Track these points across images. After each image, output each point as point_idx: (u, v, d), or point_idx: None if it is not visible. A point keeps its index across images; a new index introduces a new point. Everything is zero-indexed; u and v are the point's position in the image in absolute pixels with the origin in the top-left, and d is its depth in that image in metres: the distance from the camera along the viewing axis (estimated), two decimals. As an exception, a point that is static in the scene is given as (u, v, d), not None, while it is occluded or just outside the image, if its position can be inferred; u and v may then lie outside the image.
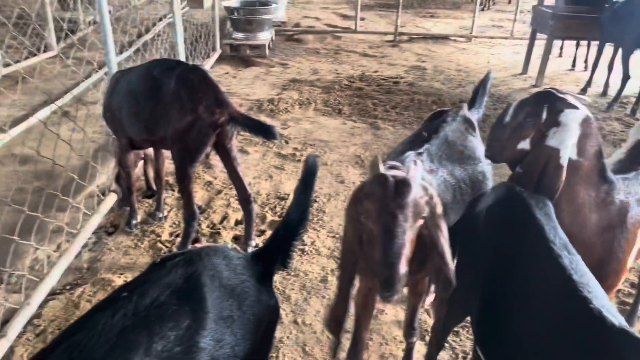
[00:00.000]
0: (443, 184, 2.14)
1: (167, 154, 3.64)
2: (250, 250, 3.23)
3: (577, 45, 7.87)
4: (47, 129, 3.10)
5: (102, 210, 3.59)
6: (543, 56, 6.94)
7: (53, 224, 3.34)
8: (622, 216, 2.01)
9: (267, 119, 5.50)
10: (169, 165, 3.77)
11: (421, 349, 2.63)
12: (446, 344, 2.63)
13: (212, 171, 4.35)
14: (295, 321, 2.80)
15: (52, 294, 2.94)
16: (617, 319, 1.39)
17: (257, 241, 3.36)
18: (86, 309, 2.80)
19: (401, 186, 1.58)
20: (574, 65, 7.87)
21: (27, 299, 2.75)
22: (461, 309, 2.06)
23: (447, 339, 2.63)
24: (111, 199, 3.76)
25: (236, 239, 3.49)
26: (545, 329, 1.51)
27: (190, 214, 3.12)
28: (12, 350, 2.55)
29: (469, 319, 2.55)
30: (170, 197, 3.92)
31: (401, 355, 2.56)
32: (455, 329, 2.69)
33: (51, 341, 1.28)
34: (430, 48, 9.05)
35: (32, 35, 6.77)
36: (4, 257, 2.87)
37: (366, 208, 1.62)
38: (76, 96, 3.33)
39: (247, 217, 3.31)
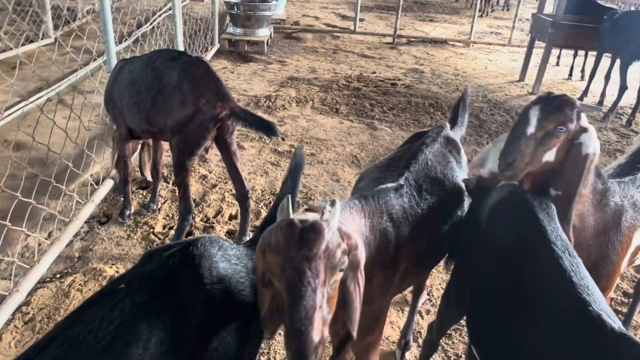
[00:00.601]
0: (419, 222, 1.89)
1: (165, 146, 3.62)
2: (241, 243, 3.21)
3: (575, 55, 7.92)
4: (44, 114, 3.06)
5: (95, 199, 3.55)
6: (541, 64, 6.97)
7: (45, 212, 3.29)
8: (617, 219, 2.01)
9: (264, 115, 5.46)
10: (165, 158, 3.74)
11: (414, 351, 2.62)
12: (438, 347, 2.62)
13: (207, 165, 4.33)
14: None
15: (42, 282, 2.91)
16: (617, 323, 1.39)
17: (251, 236, 3.34)
18: (76, 298, 2.77)
19: (310, 233, 1.29)
20: (570, 74, 7.92)
21: (17, 286, 2.71)
22: (458, 309, 2.06)
23: (440, 342, 2.62)
24: (104, 189, 3.72)
25: (230, 233, 3.46)
26: (543, 330, 1.51)
27: (186, 207, 3.09)
28: (-1, 337, 2.51)
29: (462, 322, 2.56)
30: (165, 189, 3.89)
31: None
32: (448, 332, 2.69)
33: (46, 334, 1.25)
34: (429, 51, 9.07)
35: (30, 22, 6.71)
36: (-6, 243, 2.84)
37: (269, 262, 1.32)
38: (72, 84, 3.29)
39: (243, 212, 3.29)
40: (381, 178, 2.00)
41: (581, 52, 7.88)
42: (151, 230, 3.41)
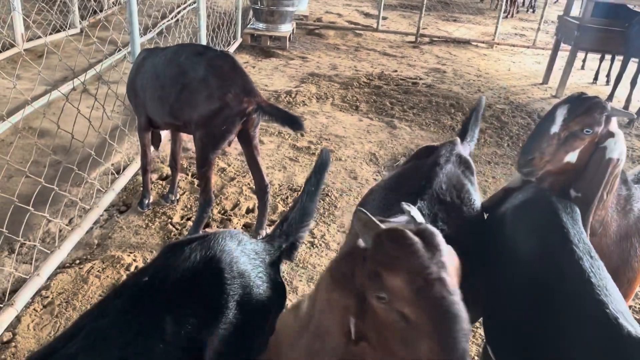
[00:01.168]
0: None
1: (185, 137, 3.65)
2: (260, 238, 3.23)
3: (602, 59, 7.78)
4: (69, 103, 3.11)
5: (115, 188, 3.61)
6: (565, 67, 6.87)
7: (67, 198, 3.36)
8: (639, 225, 1.98)
9: (284, 110, 5.49)
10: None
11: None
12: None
13: (226, 158, 4.36)
14: (301, 312, 2.79)
15: (62, 267, 2.96)
16: (634, 327, 1.37)
17: (267, 231, 3.36)
18: (94, 284, 2.82)
19: (431, 237, 1.13)
20: (596, 78, 7.79)
21: (37, 270, 2.77)
22: (475, 308, 2.04)
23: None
24: (125, 178, 3.78)
25: (247, 226, 3.49)
26: (560, 331, 1.50)
27: (206, 199, 3.11)
28: (18, 320, 2.56)
29: (476, 323, 2.54)
30: (184, 180, 3.93)
31: None
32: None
33: (72, 324, 1.27)
34: (451, 51, 9.00)
35: (57, 12, 6.81)
36: (16, 227, 2.90)
37: (392, 286, 1.08)
38: (97, 74, 3.34)
39: (261, 206, 3.31)
40: (389, 205, 1.78)
41: (608, 56, 7.74)
42: (169, 220, 3.45)
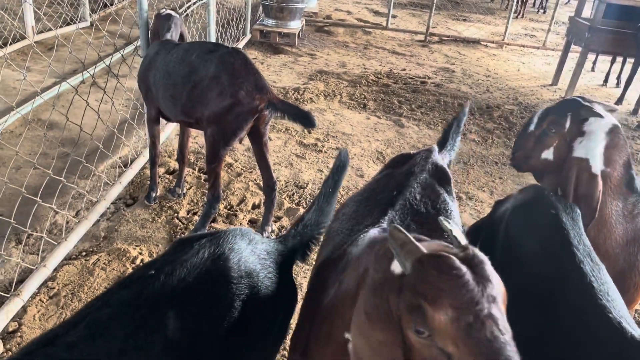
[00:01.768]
0: None
1: (193, 132, 3.66)
2: (265, 235, 3.23)
3: (613, 61, 7.71)
4: (78, 95, 3.12)
5: (123, 181, 3.62)
6: (575, 68, 6.82)
7: (74, 190, 3.38)
8: None
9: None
10: (190, 143, 3.78)
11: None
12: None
13: (233, 154, 4.36)
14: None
15: (68, 258, 2.98)
16: (637, 330, 1.36)
17: (273, 227, 3.36)
18: (100, 276, 2.83)
19: (481, 265, 1.01)
20: (606, 80, 7.73)
21: (43, 261, 2.79)
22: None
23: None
24: (132, 171, 3.80)
25: (252, 222, 3.49)
26: (561, 334, 1.49)
27: (214, 195, 3.11)
28: (24, 310, 2.58)
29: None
30: (190, 175, 3.94)
31: None
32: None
33: (75, 313, 1.27)
34: (461, 51, 8.96)
35: (68, 5, 6.84)
36: (24, 218, 2.91)
37: (437, 321, 0.96)
38: (107, 67, 3.35)
39: (267, 203, 3.31)
40: (359, 217, 1.67)
41: (619, 58, 7.67)
42: (175, 214, 3.46)
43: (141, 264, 2.94)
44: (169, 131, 4.50)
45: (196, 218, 3.42)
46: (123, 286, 1.32)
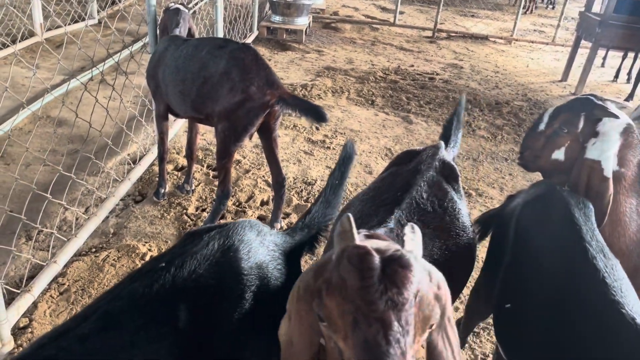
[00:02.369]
0: None
1: (201, 128, 3.66)
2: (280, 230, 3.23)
3: (625, 56, 7.62)
4: (87, 92, 3.12)
5: (132, 177, 3.63)
6: (585, 64, 6.76)
7: (84, 187, 3.38)
8: None
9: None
10: (199, 140, 3.78)
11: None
12: (466, 345, 2.59)
13: (241, 150, 4.36)
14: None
15: (78, 255, 2.99)
16: None
17: (282, 223, 3.36)
18: (110, 272, 2.84)
19: (397, 268, 0.94)
20: (617, 76, 7.65)
21: (54, 257, 2.80)
22: (487, 305, 2.02)
23: (467, 339, 2.59)
24: (141, 168, 3.80)
25: (261, 218, 3.49)
26: (573, 331, 1.47)
27: (224, 191, 3.11)
28: (35, 306, 2.59)
29: (490, 320, 2.52)
30: (199, 171, 3.94)
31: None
32: (475, 330, 2.66)
33: (87, 306, 1.27)
34: (469, 47, 8.90)
35: (75, 2, 6.86)
36: (34, 214, 2.93)
37: (330, 309, 0.95)
38: (115, 64, 3.36)
39: (277, 199, 3.30)
40: (365, 216, 1.63)
41: (630, 54, 7.59)
42: (184, 211, 3.46)
43: (153, 257, 2.94)
44: (177, 128, 4.50)
45: (205, 214, 3.42)
46: (134, 279, 1.32)
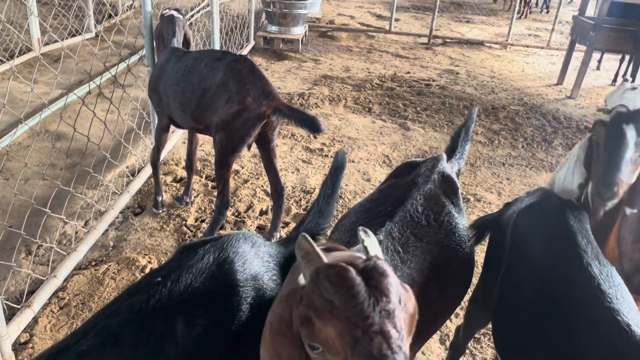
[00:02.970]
0: (410, 286, 1.50)
1: (200, 139, 3.67)
2: (274, 241, 3.23)
3: (622, 60, 7.63)
4: (85, 106, 3.14)
5: (130, 190, 3.64)
6: (580, 67, 6.79)
7: (83, 201, 3.39)
8: None
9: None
10: (197, 152, 3.79)
11: (441, 354, 2.60)
12: (467, 350, 2.59)
13: (239, 160, 4.37)
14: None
15: (78, 268, 2.99)
16: None
17: (281, 233, 3.36)
18: (110, 286, 2.84)
19: (379, 277, 0.94)
20: (615, 79, 7.67)
21: (54, 271, 2.80)
22: (486, 312, 2.03)
23: (468, 345, 2.59)
24: (140, 180, 3.81)
25: (260, 228, 3.50)
26: (569, 337, 1.48)
27: (223, 202, 3.12)
28: (36, 321, 2.59)
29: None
30: (198, 183, 3.95)
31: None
32: (476, 336, 2.66)
33: (86, 322, 1.29)
34: (464, 53, 8.95)
35: (73, 16, 6.90)
36: (33, 229, 2.93)
37: (326, 334, 0.92)
38: (112, 77, 3.38)
39: (276, 209, 3.31)
40: (360, 225, 1.65)
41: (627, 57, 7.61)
42: (183, 222, 3.47)
43: (149, 271, 2.95)
44: (175, 139, 4.52)
45: (204, 225, 3.43)
46: (131, 294, 1.33)
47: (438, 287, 1.62)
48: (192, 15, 8.58)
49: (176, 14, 3.50)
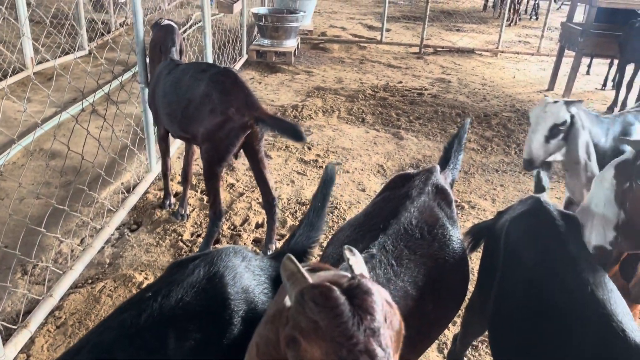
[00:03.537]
0: (404, 299, 1.50)
1: (196, 152, 3.69)
2: (270, 253, 3.24)
3: (610, 64, 7.72)
4: (78, 124, 3.16)
5: (126, 206, 3.64)
6: (570, 73, 6.87)
7: (78, 219, 3.39)
8: None
9: (291, 125, 5.52)
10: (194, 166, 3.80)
11: (439, 361, 2.60)
12: (465, 359, 2.59)
13: (234, 174, 4.38)
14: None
15: (74, 287, 2.98)
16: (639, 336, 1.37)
17: (277, 245, 3.37)
18: (107, 303, 2.84)
19: (363, 296, 0.94)
20: (605, 84, 7.74)
21: (50, 290, 2.79)
22: (482, 320, 2.04)
23: (466, 353, 2.60)
24: (135, 197, 3.82)
25: (256, 241, 3.50)
26: (565, 343, 1.49)
27: (216, 213, 3.14)
28: (32, 341, 2.58)
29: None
30: (193, 197, 3.96)
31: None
32: (474, 343, 2.66)
33: (79, 340, 1.30)
34: (456, 61, 9.02)
35: (66, 35, 6.93)
36: (29, 248, 2.93)
37: (312, 354, 0.92)
38: (106, 94, 3.41)
39: (269, 220, 3.33)
40: (352, 242, 1.61)
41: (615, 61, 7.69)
42: (179, 237, 3.47)
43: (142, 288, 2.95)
44: (170, 154, 4.52)
45: (200, 240, 3.43)
46: (123, 310, 1.35)
47: (432, 300, 1.63)
48: (185, 31, 8.63)
49: (172, 22, 3.56)
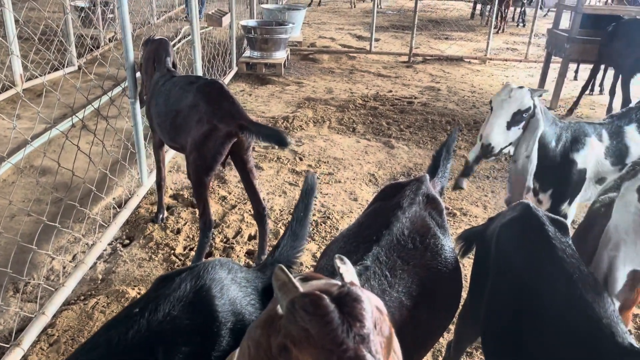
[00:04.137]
0: (399, 310, 1.52)
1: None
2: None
3: (597, 70, 7.80)
4: (68, 140, 3.16)
5: (118, 222, 3.63)
6: (558, 79, 6.94)
7: (70, 235, 3.38)
8: None
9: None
10: (184, 180, 3.81)
11: (434, 369, 2.60)
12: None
13: (226, 186, 4.39)
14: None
15: (67, 304, 2.96)
16: (628, 339, 1.39)
17: (270, 256, 3.37)
18: (100, 319, 2.82)
19: (352, 303, 0.95)
20: (592, 89, 7.83)
21: (42, 308, 2.78)
22: (475, 327, 2.05)
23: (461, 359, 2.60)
24: (127, 212, 3.81)
25: (249, 253, 3.50)
26: (555, 347, 1.51)
27: (206, 223, 3.15)
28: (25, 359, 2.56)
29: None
30: (185, 211, 3.95)
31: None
32: (468, 350, 2.67)
33: (67, 358, 1.30)
34: (445, 69, 9.10)
35: (55, 51, 6.93)
36: (20, 266, 2.91)
37: None
38: (96, 110, 3.42)
39: (261, 231, 3.33)
40: (345, 254, 1.58)
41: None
42: (172, 251, 3.46)
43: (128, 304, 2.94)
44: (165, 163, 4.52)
45: (193, 254, 3.42)
46: (110, 327, 1.36)
47: (427, 309, 1.64)
48: (174, 45, 8.65)
49: (164, 38, 3.68)
